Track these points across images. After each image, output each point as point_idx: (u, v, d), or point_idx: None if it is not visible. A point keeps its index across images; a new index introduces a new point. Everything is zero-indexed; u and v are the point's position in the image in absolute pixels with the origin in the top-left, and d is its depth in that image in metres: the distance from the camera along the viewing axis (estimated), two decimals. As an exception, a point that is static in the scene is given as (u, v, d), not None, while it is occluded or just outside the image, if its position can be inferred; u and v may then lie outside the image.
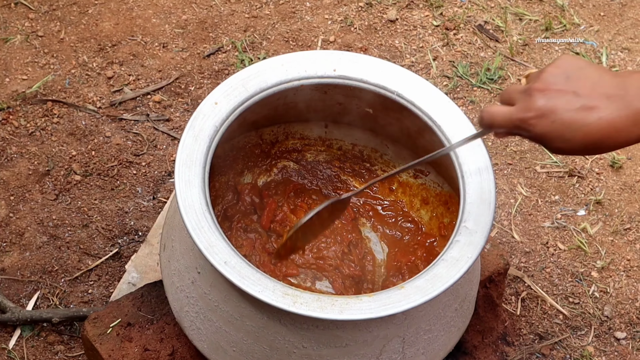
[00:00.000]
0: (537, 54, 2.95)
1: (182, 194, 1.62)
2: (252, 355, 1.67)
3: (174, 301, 1.78)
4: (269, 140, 2.03)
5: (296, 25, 2.97)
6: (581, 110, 1.27)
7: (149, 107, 2.70)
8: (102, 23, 2.90)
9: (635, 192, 2.61)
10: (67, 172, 2.52)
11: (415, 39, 2.97)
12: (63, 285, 2.31)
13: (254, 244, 1.91)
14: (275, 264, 1.89)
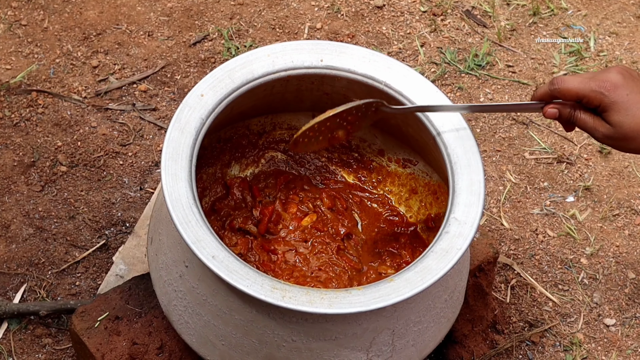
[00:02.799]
0: (525, 39, 2.94)
1: (168, 188, 1.60)
2: (241, 349, 1.66)
3: (162, 295, 1.77)
4: (256, 131, 2.01)
5: (283, 12, 2.95)
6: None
7: (135, 96, 2.68)
8: (86, 12, 2.87)
9: (624, 177, 2.61)
10: (53, 163, 2.50)
11: (402, 25, 2.95)
12: (50, 277, 2.29)
13: (250, 244, 1.90)
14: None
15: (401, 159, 2.00)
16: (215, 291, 1.63)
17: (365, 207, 2.01)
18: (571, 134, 2.68)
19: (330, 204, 1.98)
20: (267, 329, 1.61)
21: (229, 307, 1.62)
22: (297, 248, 1.91)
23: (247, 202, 1.98)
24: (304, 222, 1.96)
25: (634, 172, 2.62)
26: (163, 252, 1.74)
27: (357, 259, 1.91)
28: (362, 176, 2.04)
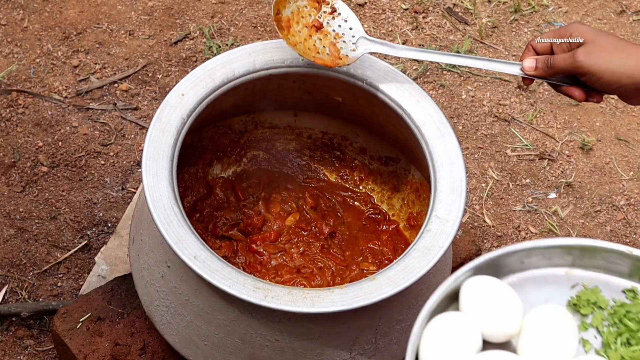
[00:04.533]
0: (507, 36, 2.94)
1: (149, 188, 1.60)
2: (223, 349, 1.66)
3: (144, 295, 1.76)
4: (237, 129, 2.01)
5: (264, 10, 2.94)
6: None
7: (116, 96, 2.67)
8: (66, 11, 2.86)
9: (605, 174, 2.62)
10: (34, 164, 2.49)
11: (384, 22, 2.95)
12: (32, 278, 2.28)
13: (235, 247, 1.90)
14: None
15: (383, 157, 2.00)
16: (198, 291, 1.62)
17: (348, 206, 2.01)
18: (553, 131, 2.69)
19: (313, 203, 1.98)
20: (249, 328, 1.61)
21: (212, 307, 1.62)
22: (281, 248, 1.91)
23: (230, 202, 1.97)
24: (287, 221, 1.96)
25: (615, 168, 2.63)
26: (145, 253, 1.74)
27: (342, 257, 1.91)
28: (344, 174, 2.04)
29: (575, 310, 1.34)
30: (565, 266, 1.38)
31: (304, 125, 2.03)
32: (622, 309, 1.33)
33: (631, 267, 1.36)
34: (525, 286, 1.35)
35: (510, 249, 1.34)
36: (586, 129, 2.72)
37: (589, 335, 1.32)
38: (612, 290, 1.36)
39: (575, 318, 1.32)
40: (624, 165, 2.64)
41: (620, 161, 2.65)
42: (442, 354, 1.22)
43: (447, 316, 1.26)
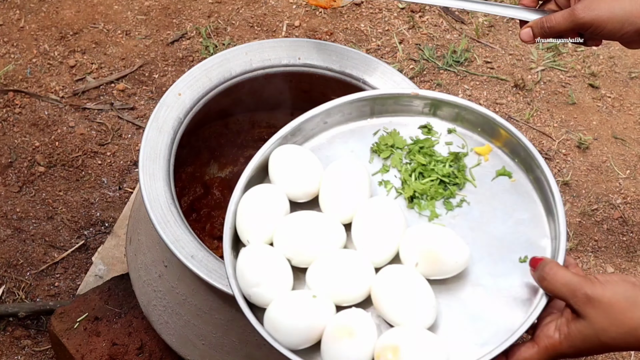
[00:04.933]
0: (503, 35, 2.95)
1: (146, 188, 1.60)
2: (221, 348, 1.66)
3: (142, 295, 1.76)
4: (234, 129, 2.01)
5: (261, 10, 2.95)
6: None
7: (113, 95, 2.67)
8: (62, 11, 2.86)
9: (602, 172, 2.62)
10: (31, 164, 2.49)
11: (381, 22, 2.95)
12: (29, 278, 2.28)
13: None
14: None
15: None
16: (195, 291, 1.62)
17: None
18: (549, 130, 2.70)
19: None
20: (247, 327, 1.61)
21: (209, 306, 1.62)
22: None
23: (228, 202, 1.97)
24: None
25: (612, 166, 2.63)
26: (142, 252, 1.74)
27: None
28: None
29: (377, 155, 1.45)
30: (366, 117, 1.49)
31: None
32: (417, 145, 1.45)
33: (422, 105, 1.47)
34: (334, 142, 1.47)
35: (308, 115, 1.47)
36: (583, 127, 2.72)
37: (389, 176, 1.43)
38: (409, 129, 1.47)
39: (378, 161, 1.44)
40: (621, 163, 2.65)
41: (616, 160, 2.65)
42: (253, 221, 1.34)
43: (256, 188, 1.38)
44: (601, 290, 1.24)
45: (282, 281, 1.31)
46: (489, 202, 1.40)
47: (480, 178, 1.42)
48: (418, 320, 1.27)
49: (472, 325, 1.30)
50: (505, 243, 1.36)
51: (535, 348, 1.28)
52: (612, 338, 1.24)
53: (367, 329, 1.27)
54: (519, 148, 1.41)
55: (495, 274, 1.34)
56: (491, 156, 1.44)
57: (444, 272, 1.32)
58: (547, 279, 1.27)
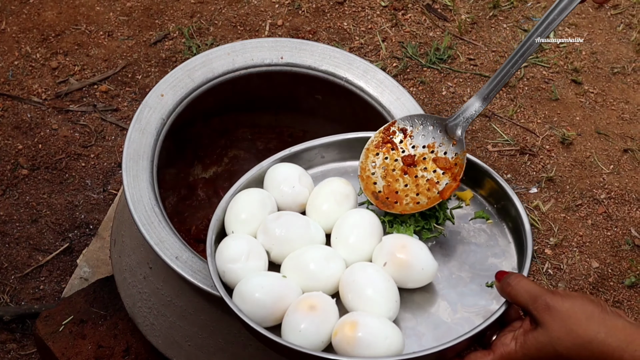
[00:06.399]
0: (486, 32, 2.95)
1: (130, 189, 1.59)
2: (207, 349, 1.65)
3: (127, 297, 1.75)
4: (218, 129, 2.00)
5: (243, 9, 2.94)
6: None
7: (96, 97, 2.66)
8: (44, 12, 2.84)
9: (586, 168, 2.63)
10: (14, 167, 2.48)
11: (363, 20, 2.96)
12: (13, 282, 2.27)
13: None
14: None
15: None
16: (180, 292, 1.62)
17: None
18: (533, 126, 2.70)
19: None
20: (233, 328, 1.61)
21: (194, 307, 1.62)
22: None
23: (212, 203, 1.97)
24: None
25: (596, 162, 2.64)
26: (127, 254, 1.73)
27: None
28: None
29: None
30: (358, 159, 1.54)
31: (285, 124, 2.03)
32: None
33: None
34: (328, 176, 1.54)
35: (308, 144, 1.57)
36: (566, 123, 2.73)
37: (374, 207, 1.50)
38: None
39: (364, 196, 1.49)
40: (604, 158, 2.66)
41: (600, 155, 2.66)
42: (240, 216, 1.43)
43: (248, 190, 1.48)
44: (561, 301, 1.29)
45: (256, 263, 1.39)
46: (464, 237, 1.49)
47: (460, 217, 1.51)
48: (380, 311, 1.34)
49: (433, 331, 1.37)
50: (475, 270, 1.45)
51: (490, 356, 1.32)
52: (567, 348, 1.27)
53: (329, 307, 1.34)
54: (500, 196, 1.50)
55: (462, 293, 1.42)
56: (472, 202, 1.53)
57: (411, 279, 1.39)
58: (512, 285, 1.33)
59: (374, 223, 1.44)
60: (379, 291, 1.35)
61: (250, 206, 1.45)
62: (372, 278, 1.36)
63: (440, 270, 1.44)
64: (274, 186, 1.49)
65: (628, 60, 2.91)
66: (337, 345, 1.31)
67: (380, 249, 1.41)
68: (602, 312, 1.28)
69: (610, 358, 1.26)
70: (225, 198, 1.47)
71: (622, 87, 2.84)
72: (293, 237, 1.41)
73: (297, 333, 1.31)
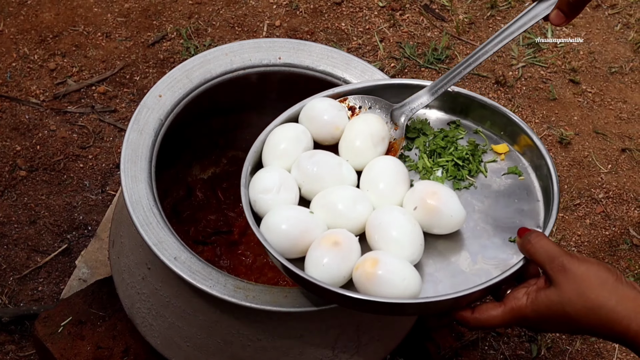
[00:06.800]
0: (484, 32, 2.95)
1: (128, 190, 1.59)
2: (206, 350, 1.65)
3: (125, 298, 1.75)
4: (216, 130, 2.00)
5: (241, 10, 2.94)
6: None
7: (94, 98, 2.66)
8: (42, 14, 2.84)
9: (584, 167, 2.63)
10: (12, 168, 2.48)
11: (361, 20, 2.96)
12: (12, 283, 2.27)
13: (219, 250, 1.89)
14: None
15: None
16: (179, 292, 1.62)
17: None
18: (531, 125, 2.71)
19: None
20: (231, 328, 1.61)
21: (193, 308, 1.62)
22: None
23: (211, 204, 1.97)
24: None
25: (594, 161, 2.65)
26: (125, 255, 1.73)
27: None
28: None
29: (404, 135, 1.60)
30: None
31: (283, 124, 2.03)
32: (442, 133, 1.61)
33: (456, 104, 1.63)
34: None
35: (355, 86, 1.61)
36: (564, 123, 2.73)
37: (411, 153, 1.59)
38: (441, 123, 1.63)
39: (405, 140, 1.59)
40: (602, 158, 2.66)
41: (598, 154, 2.66)
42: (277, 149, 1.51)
43: (286, 125, 1.56)
44: (577, 264, 1.31)
45: (287, 195, 1.46)
46: (494, 191, 1.54)
47: (493, 171, 1.57)
48: (404, 253, 1.39)
49: (451, 279, 1.42)
50: (500, 224, 1.49)
51: (501, 307, 1.36)
52: (576, 311, 1.29)
53: (352, 245, 1.40)
54: (535, 154, 1.54)
55: (484, 245, 1.47)
56: (507, 156, 1.58)
57: (438, 225, 1.45)
58: (532, 242, 1.36)
59: (402, 171, 1.49)
60: (404, 234, 1.40)
61: (285, 141, 1.52)
62: (398, 220, 1.41)
63: (466, 221, 1.48)
64: (310, 118, 1.56)
65: (626, 59, 2.91)
66: (357, 280, 1.37)
67: (411, 193, 1.46)
68: (616, 280, 1.29)
69: (618, 326, 1.27)
70: (264, 132, 1.55)
71: (620, 87, 2.84)
72: (325, 176, 1.48)
73: (319, 267, 1.37)
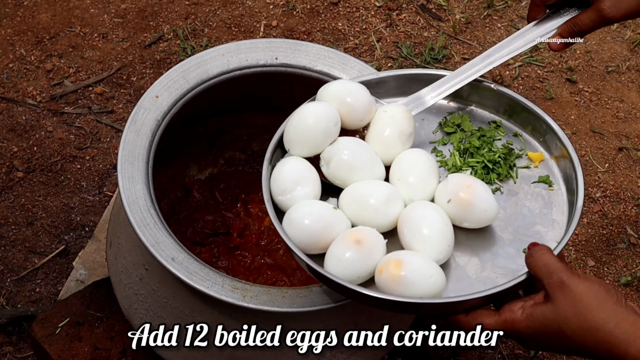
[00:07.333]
0: (480, 32, 2.95)
1: (125, 191, 1.59)
2: (204, 350, 1.65)
3: (123, 299, 1.75)
4: (213, 130, 2.00)
5: (238, 10, 2.94)
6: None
7: (91, 99, 2.66)
8: (38, 15, 2.84)
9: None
10: (9, 169, 2.47)
11: (358, 20, 2.96)
12: (9, 285, 2.27)
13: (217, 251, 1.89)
14: None
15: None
16: (176, 293, 1.62)
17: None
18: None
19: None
20: (229, 328, 1.61)
21: (191, 308, 1.61)
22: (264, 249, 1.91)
23: (209, 204, 1.97)
24: (266, 221, 1.96)
25: (591, 160, 2.65)
26: (122, 256, 1.73)
27: None
28: None
29: (442, 128, 1.59)
30: (449, 98, 1.61)
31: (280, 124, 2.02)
32: (479, 132, 1.58)
33: (501, 104, 1.59)
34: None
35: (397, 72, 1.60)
36: (561, 122, 2.74)
37: (444, 148, 1.57)
38: (482, 121, 1.61)
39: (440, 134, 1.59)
40: (599, 157, 2.66)
41: (595, 153, 2.67)
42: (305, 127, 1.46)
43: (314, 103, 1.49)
44: (577, 281, 1.27)
45: (305, 191, 1.43)
46: (520, 199, 1.51)
47: (523, 178, 1.53)
48: (431, 252, 1.37)
49: (455, 283, 1.41)
50: (518, 234, 1.47)
51: (495, 317, 1.34)
52: (572, 330, 1.26)
53: (376, 244, 1.37)
54: (569, 166, 1.51)
55: (496, 253, 1.44)
56: (542, 164, 1.55)
57: (471, 219, 1.42)
58: (533, 256, 1.33)
59: (432, 164, 1.47)
60: (435, 232, 1.38)
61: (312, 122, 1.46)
62: (431, 218, 1.39)
63: (484, 227, 1.45)
64: (341, 100, 1.49)
65: (622, 59, 2.92)
66: (382, 283, 1.35)
67: (444, 185, 1.44)
68: (616, 302, 1.26)
69: (616, 349, 1.24)
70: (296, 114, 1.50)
71: (617, 86, 2.84)
72: (355, 165, 1.44)
73: (337, 263, 1.36)
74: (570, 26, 1.55)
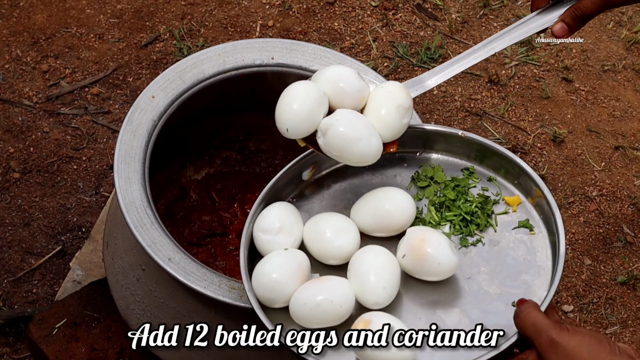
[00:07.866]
0: (476, 31, 2.96)
1: (122, 191, 1.59)
2: (202, 350, 1.65)
3: (120, 299, 1.75)
4: (210, 130, 2.00)
5: (234, 10, 2.94)
6: None
7: (87, 100, 2.66)
8: (34, 15, 2.84)
9: (577, 165, 2.64)
10: (6, 170, 2.47)
11: (354, 20, 2.96)
12: (6, 286, 2.26)
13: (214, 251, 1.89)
14: None
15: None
16: (173, 293, 1.62)
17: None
18: (524, 124, 2.71)
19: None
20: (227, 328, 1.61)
21: (187, 309, 1.61)
22: None
23: (205, 205, 1.97)
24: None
25: (587, 159, 2.65)
26: (119, 256, 1.73)
27: None
28: None
29: (415, 184, 1.56)
30: (419, 149, 1.59)
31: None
32: (453, 182, 1.54)
33: (470, 151, 1.56)
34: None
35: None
36: (557, 121, 2.74)
37: (420, 204, 1.53)
38: (453, 170, 1.56)
39: (414, 189, 1.55)
40: (596, 156, 2.66)
41: (591, 152, 2.67)
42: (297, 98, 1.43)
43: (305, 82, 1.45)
44: (567, 337, 1.24)
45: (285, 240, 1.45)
46: (503, 247, 1.47)
47: (503, 225, 1.50)
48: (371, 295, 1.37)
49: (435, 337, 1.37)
50: (505, 286, 1.43)
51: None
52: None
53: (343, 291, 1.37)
54: (546, 207, 1.47)
55: (485, 311, 1.40)
56: (520, 208, 1.51)
57: (427, 272, 1.40)
58: (520, 316, 1.29)
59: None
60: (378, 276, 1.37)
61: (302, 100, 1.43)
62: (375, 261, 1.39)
63: (469, 283, 1.42)
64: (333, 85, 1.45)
65: (618, 57, 2.92)
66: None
67: (403, 240, 1.43)
68: (609, 352, 1.23)
69: None
70: None
71: (613, 85, 2.84)
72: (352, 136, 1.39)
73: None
74: (573, 11, 1.53)
